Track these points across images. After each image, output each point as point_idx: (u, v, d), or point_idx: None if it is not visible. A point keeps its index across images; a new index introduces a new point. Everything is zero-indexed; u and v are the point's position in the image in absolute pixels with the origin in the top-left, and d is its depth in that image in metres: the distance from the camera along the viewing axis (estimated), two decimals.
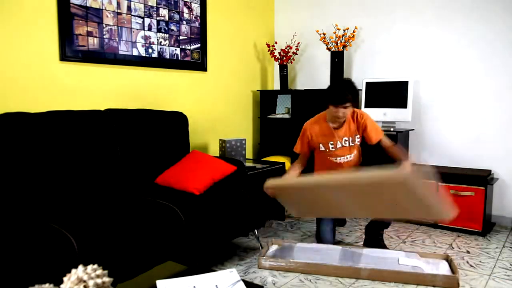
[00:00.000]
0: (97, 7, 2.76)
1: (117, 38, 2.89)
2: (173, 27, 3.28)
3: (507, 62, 3.23)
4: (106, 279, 1.09)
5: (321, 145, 2.64)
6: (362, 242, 2.89)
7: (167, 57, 3.25)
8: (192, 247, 2.28)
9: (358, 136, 2.62)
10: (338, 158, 2.65)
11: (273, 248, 2.70)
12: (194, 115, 3.43)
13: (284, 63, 4.03)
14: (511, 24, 3.19)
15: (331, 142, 2.61)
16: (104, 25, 2.81)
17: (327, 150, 2.64)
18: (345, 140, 2.61)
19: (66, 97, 2.65)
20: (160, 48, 3.19)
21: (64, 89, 2.64)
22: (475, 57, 3.35)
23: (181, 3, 3.32)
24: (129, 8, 2.95)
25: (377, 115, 3.60)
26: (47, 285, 1.07)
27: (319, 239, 2.77)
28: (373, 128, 2.59)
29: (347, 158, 2.65)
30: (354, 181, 1.80)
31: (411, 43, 3.63)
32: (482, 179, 3.06)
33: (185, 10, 3.36)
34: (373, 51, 3.82)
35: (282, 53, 4.01)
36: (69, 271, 1.09)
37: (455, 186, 3.12)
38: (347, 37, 3.70)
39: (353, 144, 2.63)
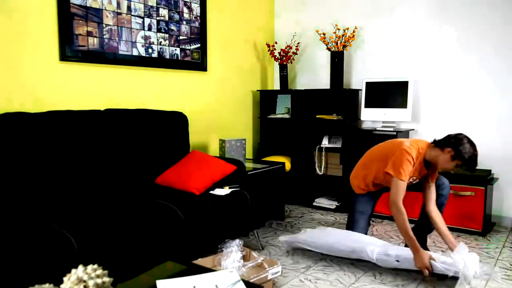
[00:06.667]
0: (97, 7, 2.76)
1: (117, 38, 2.89)
2: (173, 27, 3.28)
3: (508, 61, 3.23)
4: (106, 279, 1.09)
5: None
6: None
7: (167, 57, 3.25)
8: (192, 247, 2.28)
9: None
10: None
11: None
12: (194, 115, 3.43)
13: (284, 63, 4.03)
14: (511, 24, 3.20)
15: (414, 178, 2.54)
16: (104, 25, 2.81)
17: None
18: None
19: (66, 97, 2.64)
20: (160, 48, 3.19)
21: (64, 89, 2.64)
22: (475, 56, 3.35)
23: (181, 3, 3.32)
24: (129, 8, 2.95)
25: (377, 115, 3.60)
26: (47, 285, 1.07)
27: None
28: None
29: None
30: None
31: (411, 43, 3.62)
32: (482, 179, 3.06)
33: (185, 10, 3.36)
34: (373, 51, 3.82)
35: (282, 53, 4.00)
36: (69, 271, 1.09)
37: (455, 186, 3.11)
38: (347, 37, 3.70)
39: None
